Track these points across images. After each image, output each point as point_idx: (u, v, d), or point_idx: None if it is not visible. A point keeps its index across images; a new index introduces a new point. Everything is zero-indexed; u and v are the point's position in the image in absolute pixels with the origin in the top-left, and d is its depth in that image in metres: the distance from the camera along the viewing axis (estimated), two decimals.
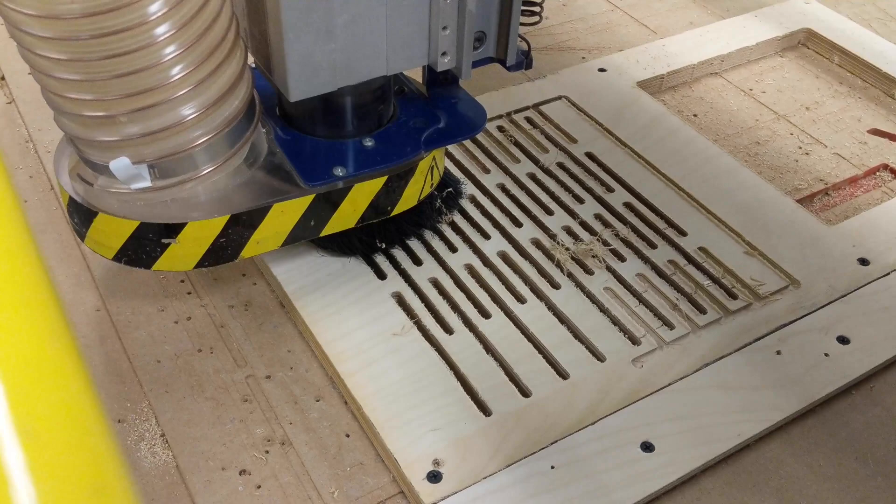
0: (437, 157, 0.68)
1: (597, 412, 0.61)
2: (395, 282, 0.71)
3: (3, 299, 0.21)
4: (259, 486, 0.58)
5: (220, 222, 0.60)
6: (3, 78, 0.93)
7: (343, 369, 0.64)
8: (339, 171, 0.63)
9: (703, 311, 0.69)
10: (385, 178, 0.65)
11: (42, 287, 0.21)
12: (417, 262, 0.73)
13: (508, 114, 0.89)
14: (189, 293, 0.71)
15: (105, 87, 0.53)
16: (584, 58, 1.00)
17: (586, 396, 0.62)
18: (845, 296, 0.71)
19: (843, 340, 0.67)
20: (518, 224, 0.77)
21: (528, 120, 0.89)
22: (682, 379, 0.64)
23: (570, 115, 0.89)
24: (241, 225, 0.61)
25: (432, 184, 0.69)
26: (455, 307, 0.69)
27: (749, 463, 0.61)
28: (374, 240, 0.71)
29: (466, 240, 0.75)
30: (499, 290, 0.70)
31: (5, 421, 0.18)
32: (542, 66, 0.98)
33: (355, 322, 0.67)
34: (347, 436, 0.61)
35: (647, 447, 0.59)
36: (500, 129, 0.88)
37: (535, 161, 0.84)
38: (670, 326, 0.68)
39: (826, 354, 0.66)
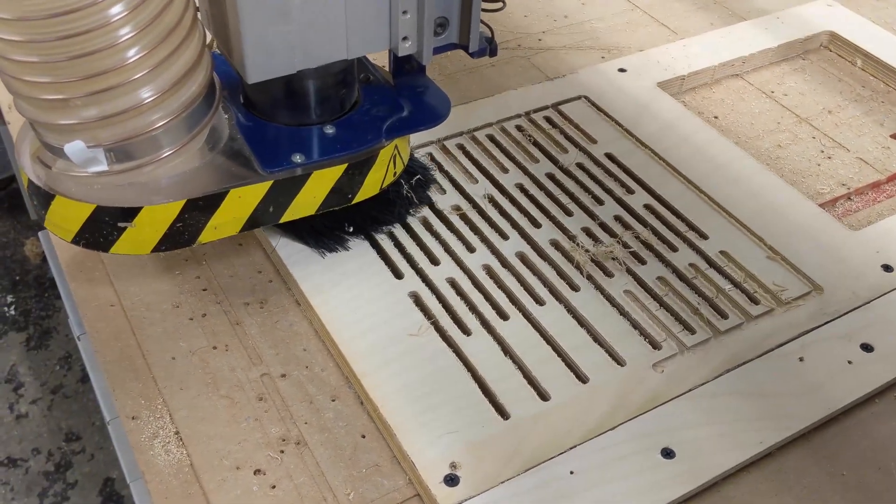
0: (399, 146, 0.68)
1: (616, 417, 0.61)
2: (412, 281, 0.70)
3: None
4: (274, 486, 0.57)
5: (176, 207, 0.60)
6: None
7: (359, 369, 0.63)
8: (297, 158, 0.63)
9: (724, 315, 0.68)
10: (345, 165, 0.65)
11: None
12: (435, 261, 0.72)
13: (527, 113, 0.88)
14: (205, 290, 0.70)
15: (61, 69, 0.53)
16: (603, 57, 0.99)
17: (606, 401, 0.62)
18: (869, 303, 0.70)
19: (866, 348, 0.66)
20: (537, 225, 0.76)
21: (548, 119, 0.88)
22: (703, 385, 0.63)
23: (590, 115, 0.89)
24: (198, 210, 0.61)
25: (395, 172, 0.69)
26: (473, 308, 0.68)
27: (771, 471, 0.60)
28: (343, 225, 0.72)
29: (484, 240, 0.74)
30: (517, 291, 0.70)
31: None
32: (561, 66, 0.97)
33: (372, 321, 0.66)
34: (363, 436, 0.61)
35: (668, 454, 0.59)
36: (519, 128, 0.87)
37: (555, 161, 0.83)
38: (691, 331, 0.67)
39: (849, 362, 0.65)
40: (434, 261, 0.72)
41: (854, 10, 1.06)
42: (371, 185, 0.67)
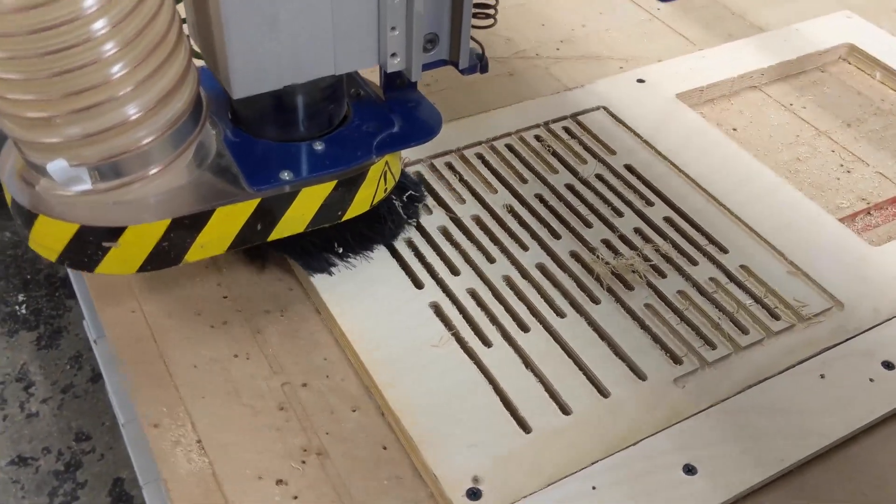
0: (390, 162, 0.67)
1: (639, 432, 0.61)
2: (432, 291, 0.70)
3: None
4: (296, 497, 0.57)
5: (161, 226, 0.59)
6: None
7: (380, 380, 0.63)
8: (286, 175, 0.62)
9: (745, 331, 0.68)
10: (334, 182, 0.64)
11: None
12: (455, 271, 0.72)
13: (546, 123, 0.88)
14: (225, 297, 0.70)
15: (43, 86, 0.52)
16: (621, 68, 0.99)
17: (628, 416, 0.62)
18: (890, 319, 0.70)
19: (888, 365, 0.66)
20: (556, 236, 0.76)
21: (566, 130, 0.88)
22: (724, 400, 0.63)
23: (609, 125, 0.88)
24: (184, 228, 0.60)
25: (386, 189, 0.68)
26: (493, 319, 0.68)
27: (792, 489, 0.60)
28: (332, 244, 0.70)
29: (504, 250, 0.74)
30: (538, 303, 0.70)
31: None
32: (579, 76, 0.97)
33: (392, 332, 0.66)
34: (384, 448, 0.61)
35: (690, 470, 0.59)
36: (538, 138, 0.87)
37: (574, 172, 0.83)
38: (712, 346, 0.67)
39: (871, 379, 0.65)
40: (454, 271, 0.72)
41: (873, 22, 1.06)
42: (361, 202, 0.66)
